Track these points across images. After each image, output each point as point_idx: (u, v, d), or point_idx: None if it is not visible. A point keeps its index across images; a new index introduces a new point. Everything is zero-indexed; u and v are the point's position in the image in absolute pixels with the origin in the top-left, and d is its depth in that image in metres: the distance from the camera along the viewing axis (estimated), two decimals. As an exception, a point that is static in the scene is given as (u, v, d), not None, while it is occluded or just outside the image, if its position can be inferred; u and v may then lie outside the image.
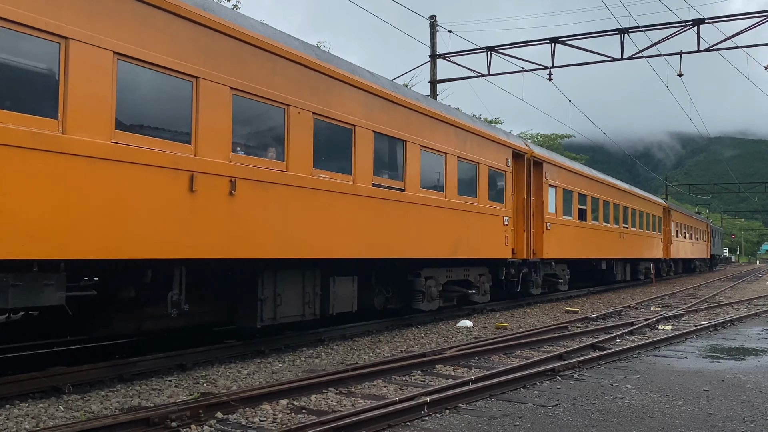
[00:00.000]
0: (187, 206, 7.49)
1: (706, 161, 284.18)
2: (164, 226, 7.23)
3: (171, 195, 7.30)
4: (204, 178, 7.71)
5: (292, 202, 9.06)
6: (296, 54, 9.22)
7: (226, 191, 8.00)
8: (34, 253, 6.03)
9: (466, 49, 24.11)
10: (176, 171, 7.38)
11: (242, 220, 8.23)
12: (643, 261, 32.65)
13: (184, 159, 7.48)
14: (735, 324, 14.48)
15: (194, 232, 7.57)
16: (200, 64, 7.73)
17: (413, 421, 6.03)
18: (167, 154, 7.29)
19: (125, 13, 6.89)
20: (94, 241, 6.52)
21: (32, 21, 6.02)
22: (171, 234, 7.31)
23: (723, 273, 51.45)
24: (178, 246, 7.41)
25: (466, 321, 13.94)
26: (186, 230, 7.47)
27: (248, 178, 8.35)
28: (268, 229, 8.66)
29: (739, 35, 20.99)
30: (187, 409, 5.82)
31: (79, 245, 6.39)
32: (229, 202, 8.04)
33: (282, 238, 8.88)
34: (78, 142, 6.36)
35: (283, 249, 8.96)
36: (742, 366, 9.28)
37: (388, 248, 11.32)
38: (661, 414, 6.47)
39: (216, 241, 7.85)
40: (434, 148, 12.85)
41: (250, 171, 8.40)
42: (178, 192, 7.39)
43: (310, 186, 9.40)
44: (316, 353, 9.86)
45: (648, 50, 22.23)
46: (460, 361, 9.17)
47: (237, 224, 8.14)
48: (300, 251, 9.28)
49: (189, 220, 7.50)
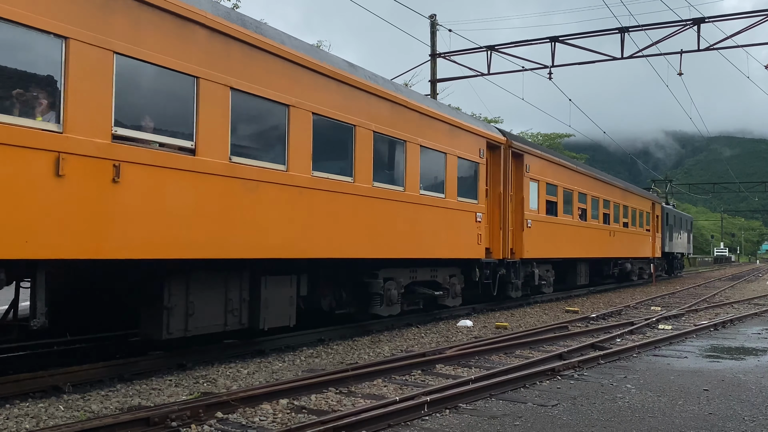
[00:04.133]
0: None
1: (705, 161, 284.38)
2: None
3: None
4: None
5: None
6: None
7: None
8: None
9: (466, 48, 24.15)
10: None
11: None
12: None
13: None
14: (735, 324, 14.48)
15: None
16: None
17: (413, 420, 6.03)
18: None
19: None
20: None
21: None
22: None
23: (723, 273, 51.38)
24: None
25: (466, 321, 13.94)
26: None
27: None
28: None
29: (739, 34, 21.00)
30: (187, 408, 5.81)
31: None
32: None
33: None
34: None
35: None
36: (742, 366, 9.28)
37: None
38: (661, 414, 6.47)
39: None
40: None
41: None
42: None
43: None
44: (316, 353, 9.86)
45: (648, 49, 22.25)
46: (460, 361, 9.16)
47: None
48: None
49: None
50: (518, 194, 16.83)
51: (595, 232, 23.25)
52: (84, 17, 6.47)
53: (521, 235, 16.74)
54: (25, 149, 5.95)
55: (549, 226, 18.64)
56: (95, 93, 6.55)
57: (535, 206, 17.73)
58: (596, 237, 23.30)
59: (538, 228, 17.67)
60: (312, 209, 9.49)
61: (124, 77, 6.85)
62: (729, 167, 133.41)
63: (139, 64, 7.01)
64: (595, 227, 23.13)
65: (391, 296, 11.90)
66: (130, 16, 6.94)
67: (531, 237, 17.15)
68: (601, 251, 24.02)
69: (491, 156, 15.62)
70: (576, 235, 21.06)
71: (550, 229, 18.65)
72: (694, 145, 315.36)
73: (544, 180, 18.34)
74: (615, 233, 25.42)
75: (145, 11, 7.11)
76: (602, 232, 24.10)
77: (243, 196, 8.27)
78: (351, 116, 10.37)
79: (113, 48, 6.71)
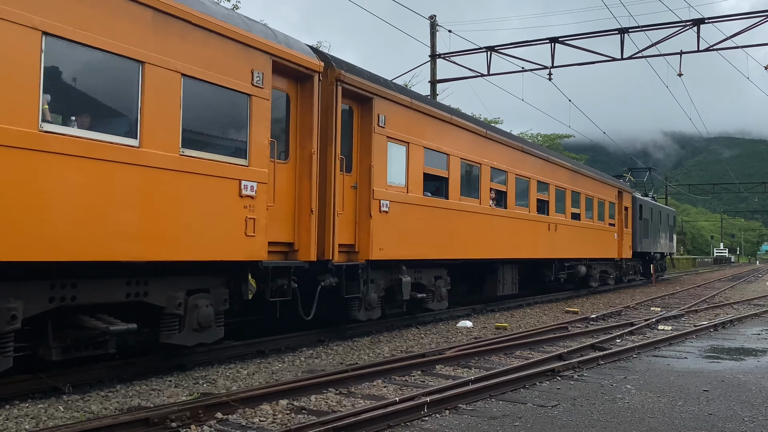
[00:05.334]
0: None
1: (705, 161, 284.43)
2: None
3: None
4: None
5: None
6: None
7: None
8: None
9: (466, 48, 24.18)
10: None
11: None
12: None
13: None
14: (735, 324, 14.48)
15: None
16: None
17: (413, 421, 6.03)
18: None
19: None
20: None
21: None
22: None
23: (722, 273, 51.44)
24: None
25: (466, 321, 13.94)
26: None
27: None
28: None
29: (738, 35, 21.02)
30: (187, 409, 5.81)
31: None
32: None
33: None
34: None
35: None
36: (742, 366, 9.28)
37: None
38: (661, 414, 6.47)
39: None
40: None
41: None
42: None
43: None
44: (316, 353, 9.86)
45: (648, 50, 22.27)
46: (460, 362, 9.16)
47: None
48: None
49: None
50: (363, 160, 11.07)
51: (525, 225, 17.31)
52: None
53: (368, 224, 10.91)
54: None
55: (430, 213, 12.80)
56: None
57: (401, 181, 11.93)
58: (526, 231, 17.43)
59: (406, 214, 11.91)
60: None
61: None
62: (729, 168, 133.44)
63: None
64: (524, 218, 17.20)
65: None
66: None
67: (388, 227, 11.36)
68: (535, 250, 18.25)
69: (298, 89, 9.83)
70: (490, 228, 15.29)
71: (432, 216, 12.86)
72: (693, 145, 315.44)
73: (420, 143, 12.50)
74: (558, 227, 19.61)
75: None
76: (536, 224, 18.13)
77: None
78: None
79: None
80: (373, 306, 11.32)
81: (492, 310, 16.90)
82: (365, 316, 11.18)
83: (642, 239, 30.41)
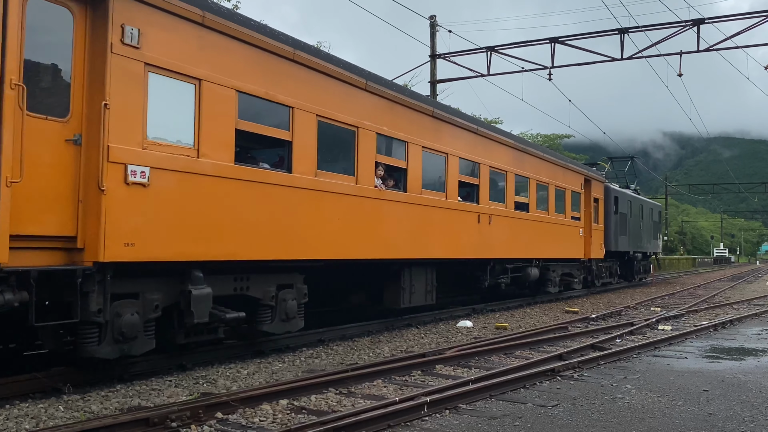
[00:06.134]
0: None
1: (705, 161, 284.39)
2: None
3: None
4: None
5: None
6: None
7: None
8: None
9: (466, 49, 24.19)
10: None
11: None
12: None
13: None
14: (735, 324, 14.48)
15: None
16: None
17: (413, 421, 6.03)
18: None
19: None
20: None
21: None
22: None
23: (722, 273, 51.42)
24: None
25: (466, 321, 13.93)
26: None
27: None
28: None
29: (738, 35, 21.03)
30: (187, 409, 5.81)
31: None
32: None
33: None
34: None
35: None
36: (742, 366, 9.28)
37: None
38: (661, 414, 6.47)
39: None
40: None
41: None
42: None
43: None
44: (316, 353, 9.85)
45: (648, 50, 22.28)
46: (460, 362, 9.16)
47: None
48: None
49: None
50: (94, 98, 6.79)
51: (438, 215, 13.08)
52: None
53: (98, 202, 6.67)
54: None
55: (260, 192, 8.71)
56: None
57: (184, 138, 7.70)
58: (441, 222, 13.17)
59: (199, 190, 7.78)
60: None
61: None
62: (728, 168, 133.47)
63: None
64: (435, 204, 12.94)
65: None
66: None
67: (153, 209, 7.22)
68: (456, 248, 13.87)
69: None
70: (376, 218, 11.16)
71: (265, 197, 8.81)
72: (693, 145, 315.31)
73: (228, 84, 8.25)
74: (492, 219, 15.33)
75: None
76: (457, 214, 13.86)
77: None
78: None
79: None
80: (127, 337, 7.05)
81: (492, 310, 16.91)
82: (105, 353, 6.87)
83: (618, 236, 26.13)
